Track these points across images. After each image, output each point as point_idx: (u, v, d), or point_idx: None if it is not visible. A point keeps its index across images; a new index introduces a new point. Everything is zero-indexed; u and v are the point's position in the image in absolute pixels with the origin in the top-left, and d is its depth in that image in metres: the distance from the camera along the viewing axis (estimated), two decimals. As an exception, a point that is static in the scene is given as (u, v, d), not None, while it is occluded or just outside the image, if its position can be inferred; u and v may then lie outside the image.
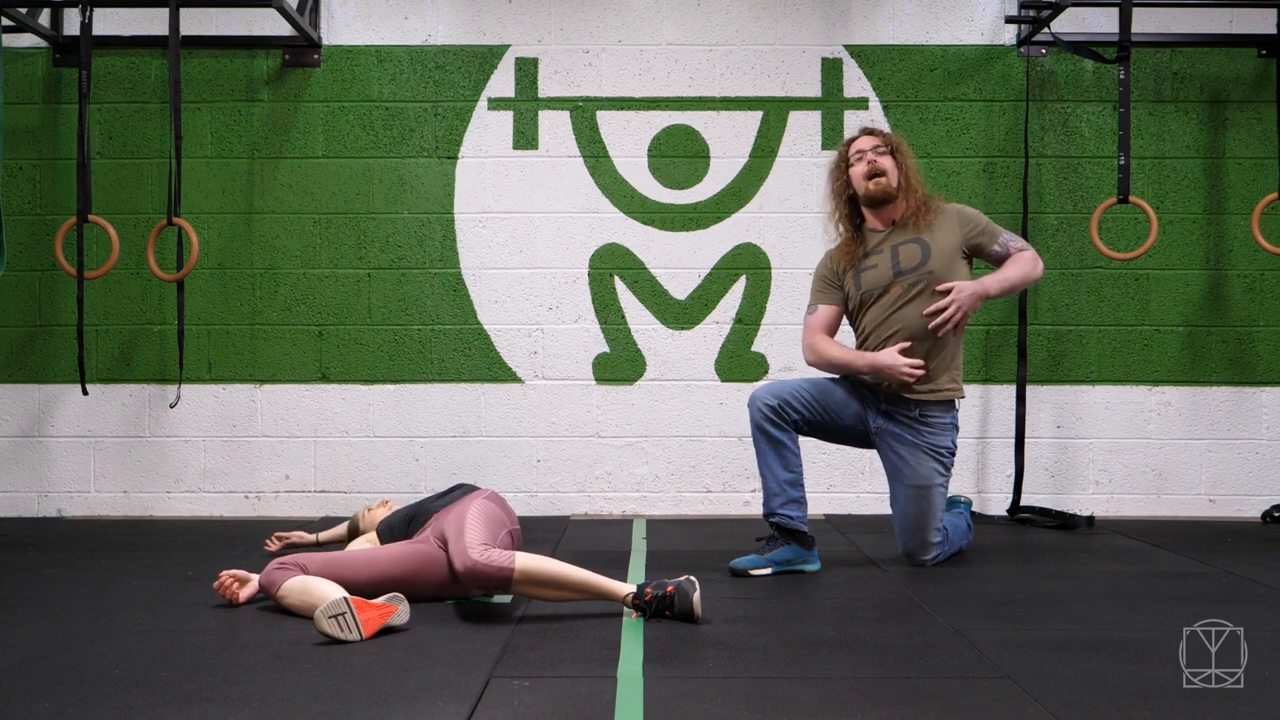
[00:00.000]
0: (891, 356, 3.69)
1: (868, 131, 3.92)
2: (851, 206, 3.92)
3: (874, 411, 3.80)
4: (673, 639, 2.80)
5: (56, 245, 4.66)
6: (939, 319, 3.69)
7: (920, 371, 3.68)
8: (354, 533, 3.84)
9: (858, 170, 3.84)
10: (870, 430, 3.81)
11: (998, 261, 3.83)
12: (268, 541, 4.03)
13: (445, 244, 5.02)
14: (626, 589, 3.02)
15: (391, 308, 5.01)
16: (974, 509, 4.85)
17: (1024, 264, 3.80)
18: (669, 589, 2.98)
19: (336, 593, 2.89)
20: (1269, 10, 4.94)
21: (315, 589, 2.96)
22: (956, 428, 3.84)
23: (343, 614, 2.77)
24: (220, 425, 5.01)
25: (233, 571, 3.23)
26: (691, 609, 2.96)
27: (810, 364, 3.90)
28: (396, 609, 2.88)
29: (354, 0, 5.05)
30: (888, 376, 3.71)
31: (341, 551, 3.28)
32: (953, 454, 3.82)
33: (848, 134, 4.90)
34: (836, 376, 3.89)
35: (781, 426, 3.68)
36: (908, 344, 3.71)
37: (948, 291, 3.71)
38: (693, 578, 3.03)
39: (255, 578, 3.22)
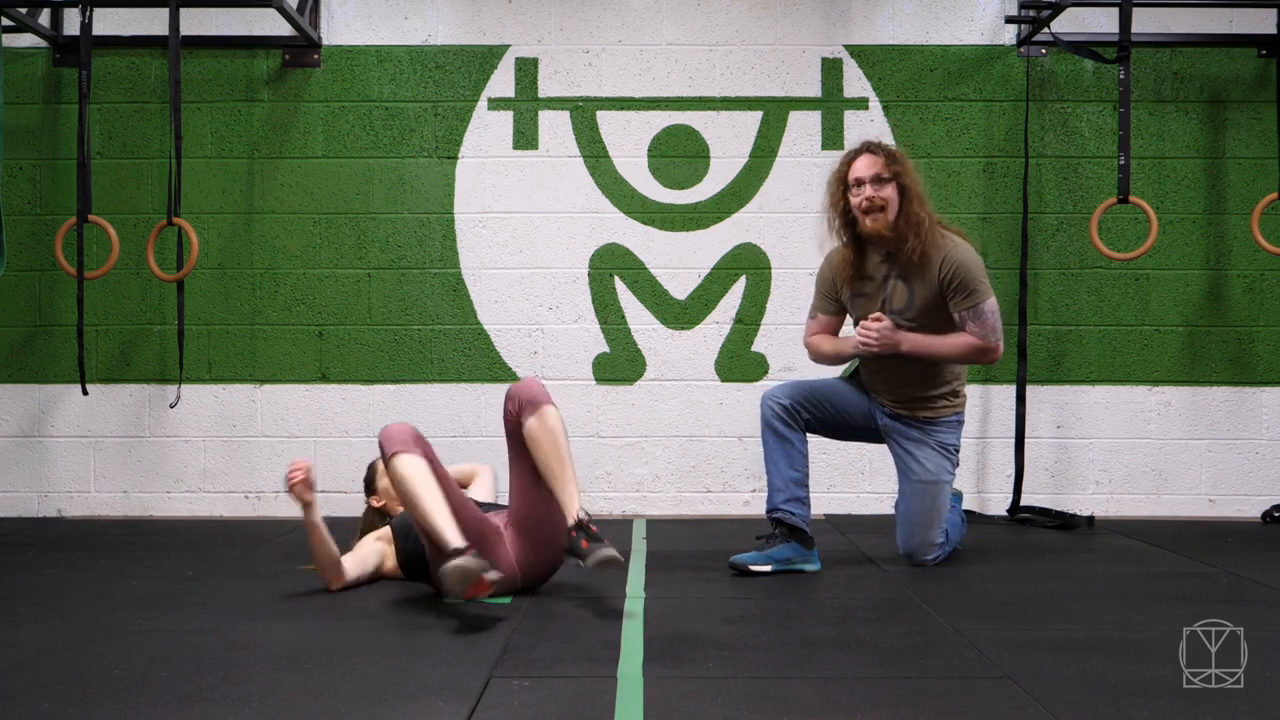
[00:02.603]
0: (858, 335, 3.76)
1: (869, 149, 3.73)
2: (850, 221, 3.79)
3: (881, 411, 3.82)
4: (673, 639, 2.80)
5: (56, 245, 4.66)
6: (859, 337, 3.72)
7: (872, 330, 3.68)
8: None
9: (855, 201, 3.71)
10: (879, 427, 3.85)
11: (935, 320, 3.73)
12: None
13: (445, 244, 5.02)
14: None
15: (391, 308, 5.01)
16: (974, 509, 4.87)
17: (954, 345, 3.66)
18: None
19: (457, 537, 2.94)
20: (1269, 10, 4.94)
21: (429, 500, 3.01)
22: (961, 423, 3.87)
23: (471, 577, 2.83)
24: (220, 425, 5.01)
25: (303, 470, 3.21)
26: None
27: (813, 361, 4.04)
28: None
29: (354, 0, 5.05)
30: (858, 350, 3.77)
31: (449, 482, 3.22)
32: (957, 450, 3.85)
33: (863, 136, 4.74)
34: (846, 376, 4.00)
35: (791, 425, 3.71)
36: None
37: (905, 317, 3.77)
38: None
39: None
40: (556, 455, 3.14)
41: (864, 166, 3.70)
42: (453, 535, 2.97)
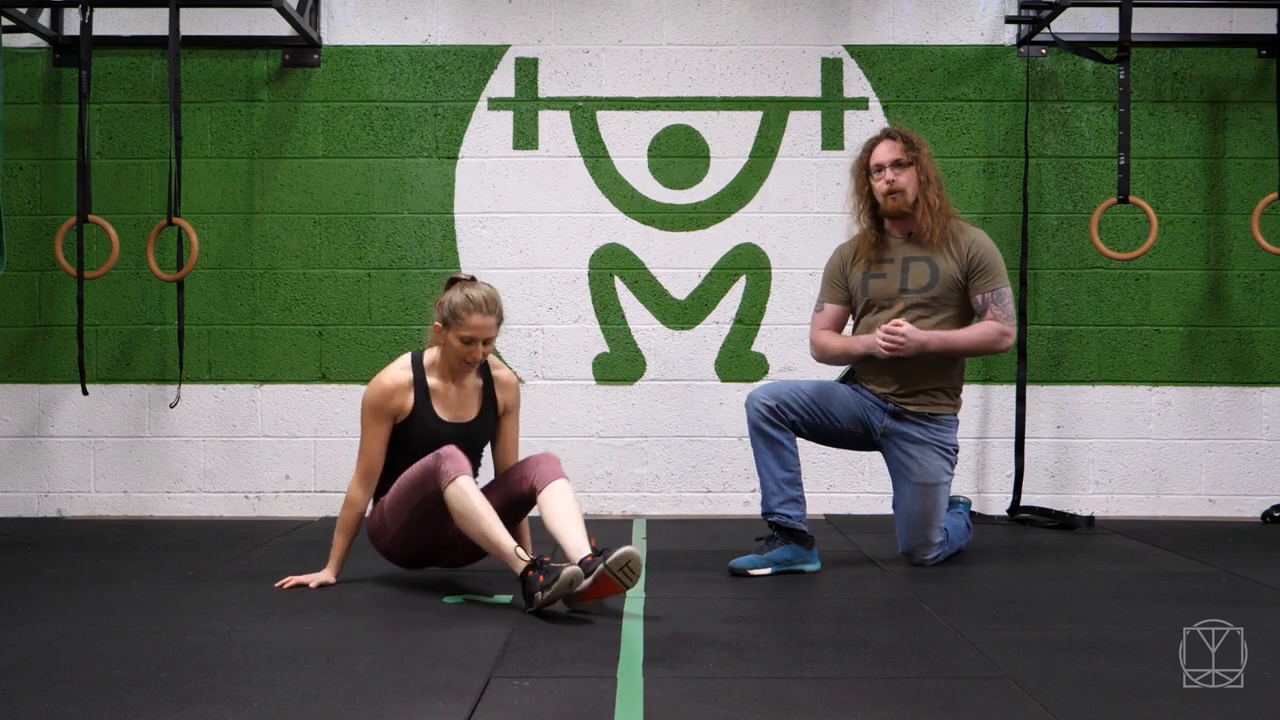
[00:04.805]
0: (875, 336, 3.74)
1: (889, 136, 3.85)
2: (873, 206, 3.88)
3: (881, 411, 3.80)
4: (673, 639, 2.80)
5: (56, 245, 4.66)
6: (882, 342, 3.69)
7: (898, 334, 3.67)
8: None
9: (877, 185, 3.82)
10: (875, 431, 3.81)
11: (973, 310, 3.82)
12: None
13: (445, 244, 5.02)
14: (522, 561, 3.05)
15: (391, 308, 5.01)
16: (974, 509, 4.85)
17: (981, 333, 3.74)
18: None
19: (508, 541, 3.07)
20: (1269, 10, 4.94)
21: (487, 521, 3.08)
22: (958, 423, 3.88)
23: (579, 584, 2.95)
24: (220, 425, 5.01)
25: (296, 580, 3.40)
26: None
27: (816, 360, 4.01)
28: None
29: (354, 0, 5.05)
30: (877, 352, 3.75)
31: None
32: (957, 451, 3.85)
33: (863, 137, 4.68)
34: (837, 379, 3.98)
35: (779, 426, 3.69)
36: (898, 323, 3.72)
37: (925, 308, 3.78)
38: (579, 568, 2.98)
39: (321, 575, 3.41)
40: (572, 517, 3.17)
41: (884, 152, 3.83)
42: (517, 548, 3.08)
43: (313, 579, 3.40)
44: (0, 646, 2.73)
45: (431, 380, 3.43)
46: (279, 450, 5.01)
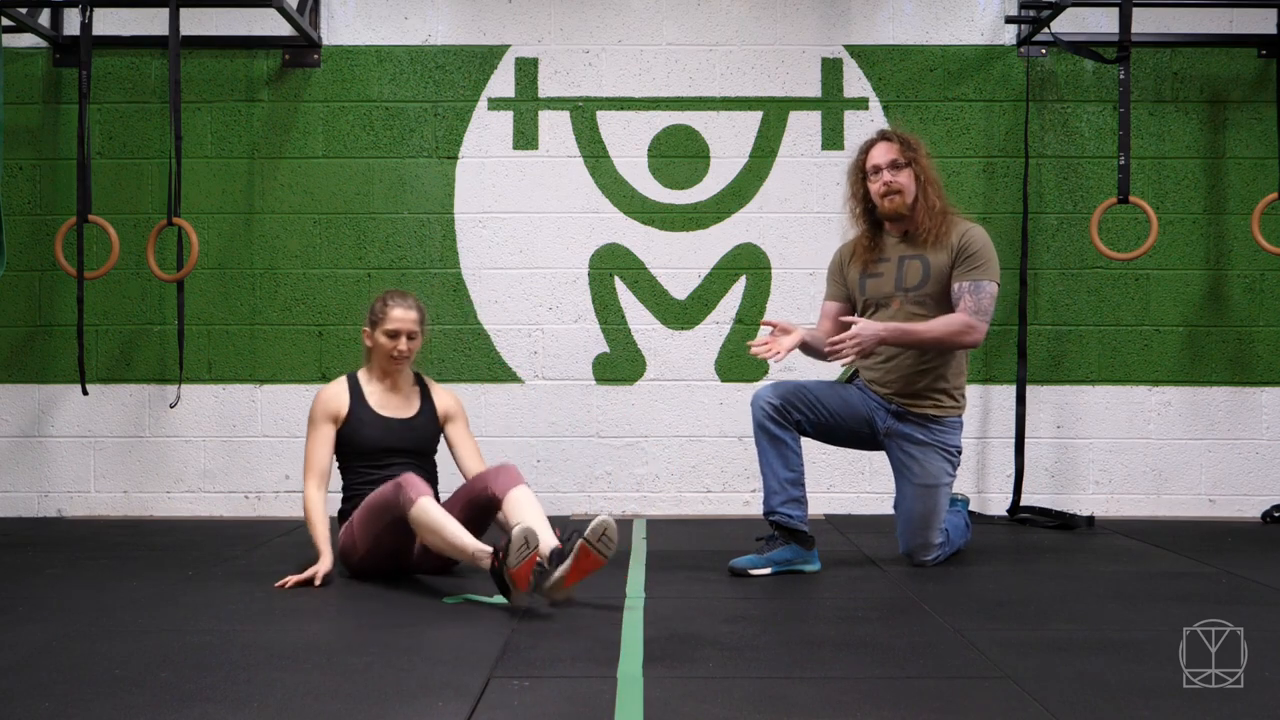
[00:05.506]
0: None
1: (885, 138, 3.83)
2: (869, 209, 3.87)
3: (884, 412, 3.80)
4: (673, 639, 2.80)
5: (56, 245, 4.66)
6: (836, 345, 3.60)
7: (846, 341, 3.57)
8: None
9: (874, 188, 3.79)
10: (879, 431, 3.81)
11: (949, 296, 3.75)
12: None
13: (445, 244, 5.02)
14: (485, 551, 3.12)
15: (391, 308, 5.01)
16: (974, 509, 4.86)
17: (945, 325, 3.65)
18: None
19: (472, 541, 3.16)
20: (1269, 10, 4.94)
21: (450, 529, 3.17)
22: (962, 425, 3.87)
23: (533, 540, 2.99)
24: (220, 425, 5.01)
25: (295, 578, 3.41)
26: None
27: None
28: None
29: (354, 0, 5.05)
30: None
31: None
32: (960, 452, 3.84)
33: (863, 137, 4.66)
34: (839, 378, 3.98)
35: (783, 425, 3.69)
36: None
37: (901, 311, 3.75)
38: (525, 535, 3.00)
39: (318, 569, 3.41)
40: (539, 515, 3.25)
41: (880, 153, 3.81)
42: (480, 545, 3.16)
43: (312, 572, 3.39)
44: (0, 646, 2.73)
45: (367, 387, 3.71)
46: (279, 450, 5.01)
